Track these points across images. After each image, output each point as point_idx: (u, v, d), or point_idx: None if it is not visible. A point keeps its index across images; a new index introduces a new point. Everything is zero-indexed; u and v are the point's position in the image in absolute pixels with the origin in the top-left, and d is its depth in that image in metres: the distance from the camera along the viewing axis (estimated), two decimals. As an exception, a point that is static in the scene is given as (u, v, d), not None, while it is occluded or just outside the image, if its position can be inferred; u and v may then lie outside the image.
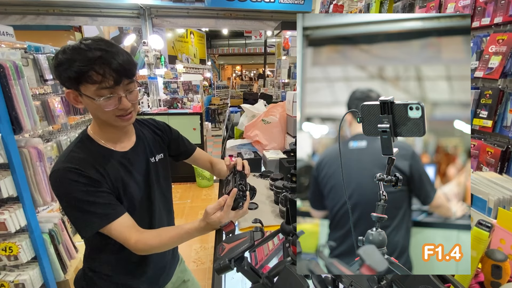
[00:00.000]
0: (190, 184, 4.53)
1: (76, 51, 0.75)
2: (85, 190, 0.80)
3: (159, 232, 0.87)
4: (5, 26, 2.00)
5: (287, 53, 4.57)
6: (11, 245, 1.63)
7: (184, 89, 4.82)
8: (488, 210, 0.77)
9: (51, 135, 2.27)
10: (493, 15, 1.38)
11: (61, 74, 0.78)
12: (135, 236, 0.83)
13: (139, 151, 0.98)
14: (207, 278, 2.53)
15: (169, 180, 1.14)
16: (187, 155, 1.21)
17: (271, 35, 6.87)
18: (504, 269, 0.57)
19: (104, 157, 0.88)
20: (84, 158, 0.84)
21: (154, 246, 0.84)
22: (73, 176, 0.80)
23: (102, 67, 0.76)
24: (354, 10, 3.05)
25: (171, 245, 0.89)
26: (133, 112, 0.87)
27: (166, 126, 1.15)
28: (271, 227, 1.21)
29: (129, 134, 0.98)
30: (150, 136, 1.06)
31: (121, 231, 0.83)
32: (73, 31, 7.07)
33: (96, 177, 0.82)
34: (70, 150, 0.86)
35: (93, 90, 0.77)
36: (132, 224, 0.86)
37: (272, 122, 2.02)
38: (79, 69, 0.74)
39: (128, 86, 0.83)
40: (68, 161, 0.82)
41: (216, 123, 9.47)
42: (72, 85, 0.78)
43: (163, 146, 1.10)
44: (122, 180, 0.90)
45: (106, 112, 0.81)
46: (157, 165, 1.04)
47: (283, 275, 0.62)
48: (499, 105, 1.36)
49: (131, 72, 0.82)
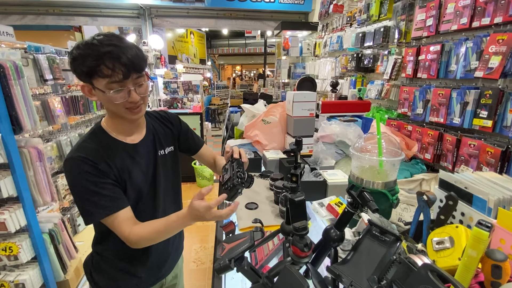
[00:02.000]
0: (190, 184, 4.53)
1: (89, 47, 0.79)
2: (91, 180, 0.84)
3: (149, 223, 0.89)
4: (5, 26, 2.00)
5: (287, 53, 4.56)
6: (11, 245, 1.63)
7: (184, 89, 4.82)
8: (488, 210, 0.77)
9: (51, 135, 2.27)
10: (493, 15, 1.38)
11: (76, 69, 0.82)
12: (129, 228, 0.86)
13: (148, 143, 1.02)
14: (207, 278, 2.53)
15: (178, 173, 1.16)
16: (195, 150, 1.23)
17: (271, 35, 6.86)
18: (504, 269, 0.57)
19: (114, 149, 0.92)
20: (94, 148, 0.88)
21: (144, 236, 0.86)
22: (82, 165, 0.84)
23: (112, 61, 0.79)
24: (354, 10, 3.05)
25: (161, 235, 0.89)
26: (142, 106, 0.91)
27: (177, 119, 1.17)
28: (271, 227, 1.21)
29: (140, 126, 1.01)
30: (161, 128, 1.09)
31: (118, 224, 0.86)
32: (73, 31, 7.08)
33: (103, 168, 0.86)
34: (83, 140, 0.91)
35: (104, 83, 0.81)
36: (130, 217, 0.88)
37: (272, 122, 2.02)
38: (91, 64, 0.78)
39: (137, 80, 0.87)
40: (79, 151, 0.86)
41: (216, 123, 9.47)
42: (86, 79, 0.83)
43: (174, 139, 1.13)
44: (129, 171, 0.93)
45: (116, 104, 0.85)
46: (166, 157, 1.07)
47: (283, 275, 0.62)
48: (499, 105, 1.36)
49: (140, 66, 0.86)
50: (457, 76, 1.59)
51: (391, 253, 0.56)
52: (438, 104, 1.71)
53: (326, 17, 3.87)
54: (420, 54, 1.88)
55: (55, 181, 2.09)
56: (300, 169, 0.75)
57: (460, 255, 0.64)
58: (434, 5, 1.77)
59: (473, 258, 0.58)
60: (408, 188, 1.37)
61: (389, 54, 2.31)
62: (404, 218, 1.13)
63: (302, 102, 1.83)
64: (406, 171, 1.54)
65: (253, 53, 13.72)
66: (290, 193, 0.70)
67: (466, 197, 0.83)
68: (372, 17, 2.52)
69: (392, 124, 2.13)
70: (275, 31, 5.30)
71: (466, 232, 0.69)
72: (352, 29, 2.98)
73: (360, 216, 0.96)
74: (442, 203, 0.86)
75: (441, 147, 1.71)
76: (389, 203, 0.98)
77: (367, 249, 0.60)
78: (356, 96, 2.34)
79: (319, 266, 0.71)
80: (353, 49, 2.91)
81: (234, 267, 0.65)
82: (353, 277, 0.56)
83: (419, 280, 0.48)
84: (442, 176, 0.92)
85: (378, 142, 0.98)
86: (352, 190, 0.65)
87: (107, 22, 5.40)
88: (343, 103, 2.25)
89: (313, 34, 4.56)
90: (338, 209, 1.15)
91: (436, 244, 0.72)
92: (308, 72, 4.52)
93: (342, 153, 1.78)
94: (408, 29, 2.06)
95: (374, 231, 0.62)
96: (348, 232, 0.94)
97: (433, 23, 1.77)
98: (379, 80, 2.50)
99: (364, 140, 1.09)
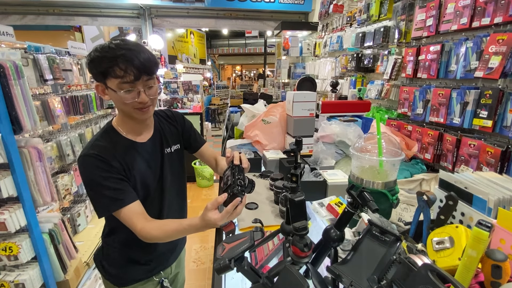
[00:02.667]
0: (190, 184, 4.53)
1: (106, 50, 0.86)
2: (103, 175, 0.90)
3: (162, 224, 0.93)
4: (5, 26, 2.00)
5: (287, 53, 4.56)
6: (11, 245, 1.63)
7: (184, 89, 4.82)
8: (488, 210, 0.77)
9: (51, 135, 2.26)
10: (493, 15, 1.38)
11: (92, 69, 0.89)
12: (141, 223, 0.91)
13: (156, 142, 1.07)
14: (207, 278, 2.53)
15: (184, 169, 1.22)
16: (196, 148, 1.27)
17: (271, 35, 6.86)
18: (504, 269, 0.57)
19: (125, 147, 0.98)
20: (106, 147, 0.94)
21: (155, 236, 0.90)
22: (94, 162, 0.90)
23: (125, 63, 0.85)
24: (354, 10, 3.05)
25: (171, 238, 0.94)
26: (150, 107, 0.96)
27: (181, 117, 1.22)
28: (271, 227, 1.21)
29: (149, 126, 1.07)
30: (167, 127, 1.14)
31: (130, 217, 0.91)
32: (73, 31, 7.08)
33: (114, 164, 0.92)
34: (95, 139, 0.97)
35: (116, 83, 0.87)
36: (141, 212, 0.93)
37: (272, 122, 2.02)
38: (106, 65, 0.85)
39: (148, 82, 0.92)
40: (92, 148, 0.92)
41: (216, 123, 9.47)
42: (101, 79, 0.89)
43: (179, 137, 1.18)
44: (139, 169, 0.99)
45: (126, 104, 0.91)
46: (172, 155, 1.12)
47: (283, 275, 0.62)
48: (499, 105, 1.36)
49: (151, 70, 0.91)
50: (457, 76, 1.59)
51: (391, 253, 0.56)
52: (438, 104, 1.71)
53: (326, 17, 3.87)
54: (420, 54, 1.88)
55: (55, 181, 2.08)
56: (300, 169, 0.76)
57: (460, 255, 0.64)
58: (434, 5, 1.77)
59: (473, 258, 0.58)
60: (408, 188, 1.37)
61: (389, 54, 2.31)
62: (404, 218, 1.13)
63: (302, 102, 1.83)
64: (406, 171, 1.54)
65: (253, 53, 13.71)
66: (290, 193, 0.70)
67: (466, 197, 0.83)
68: (372, 17, 2.52)
69: (392, 124, 2.13)
70: (275, 31, 5.30)
71: (466, 232, 0.69)
72: (352, 29, 2.98)
73: (360, 216, 0.96)
74: (442, 203, 0.86)
75: (441, 147, 1.71)
76: (389, 203, 0.98)
77: (367, 249, 0.60)
78: (356, 96, 2.34)
79: (319, 266, 0.71)
80: (353, 49, 2.91)
81: (234, 267, 0.65)
82: (353, 277, 0.56)
83: (419, 280, 0.48)
84: (442, 176, 0.92)
85: (378, 142, 0.98)
86: (352, 190, 0.64)
87: (107, 22, 5.41)
88: (343, 103, 2.25)
89: (313, 34, 4.56)
90: (338, 209, 1.15)
91: (436, 244, 0.72)
92: (308, 72, 4.52)
93: (342, 153, 1.78)
94: (408, 29, 2.06)
95: (374, 231, 0.62)
96: (348, 232, 0.94)
97: (433, 23, 1.77)
98: (379, 80, 2.50)
99: (364, 140, 1.09)
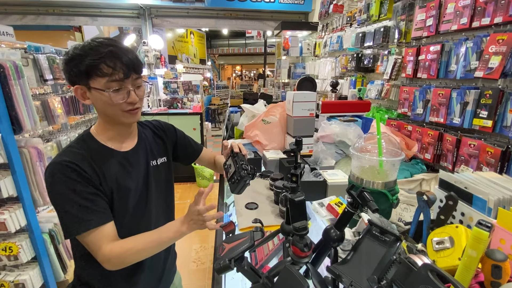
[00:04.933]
0: (190, 184, 4.53)
1: (88, 47, 0.79)
2: (74, 188, 0.78)
3: (134, 236, 0.83)
4: (5, 26, 2.00)
5: (287, 53, 4.56)
6: (11, 245, 1.63)
7: (184, 89, 4.82)
8: (488, 210, 0.77)
9: (51, 135, 2.27)
10: (493, 15, 1.38)
11: (71, 69, 0.80)
12: (110, 245, 0.78)
13: (140, 153, 0.96)
14: (207, 278, 2.53)
15: (171, 185, 1.09)
16: (195, 156, 1.20)
17: (271, 35, 6.86)
18: (504, 269, 0.57)
19: (103, 155, 0.87)
20: (81, 154, 0.83)
21: (129, 248, 0.80)
22: (65, 170, 0.78)
23: (113, 60, 0.79)
24: (354, 10, 3.05)
25: (150, 244, 0.83)
26: (139, 108, 0.89)
27: (171, 127, 1.12)
28: (271, 227, 1.21)
29: (132, 134, 0.97)
30: (153, 138, 1.04)
31: (98, 241, 0.78)
32: (73, 31, 7.08)
33: (89, 174, 0.81)
34: (69, 145, 0.87)
35: (103, 82, 0.80)
36: (112, 235, 0.82)
37: (272, 122, 2.02)
38: (90, 63, 0.77)
39: (136, 81, 0.86)
40: (64, 155, 0.81)
41: (216, 123, 9.47)
42: (82, 79, 0.80)
43: (167, 150, 1.07)
44: (117, 180, 0.87)
45: (114, 106, 0.82)
46: (158, 168, 1.01)
47: (283, 275, 0.62)
48: (499, 105, 1.36)
49: (139, 68, 0.86)
50: (457, 76, 1.59)
51: (391, 253, 0.56)
52: (438, 104, 1.71)
53: (326, 17, 3.87)
54: (420, 54, 1.88)
55: (55, 181, 2.09)
56: (300, 169, 0.75)
57: (460, 255, 0.64)
58: (434, 5, 1.77)
59: (473, 258, 0.58)
60: (408, 188, 1.37)
61: (389, 54, 2.31)
62: (404, 218, 1.13)
63: (302, 102, 1.83)
64: (406, 171, 1.54)
65: (253, 53, 13.70)
66: (290, 193, 0.70)
67: (466, 197, 0.83)
68: (372, 17, 2.52)
69: (392, 124, 2.12)
70: (275, 31, 5.30)
71: (466, 232, 0.69)
72: (352, 29, 2.98)
73: (360, 216, 0.96)
74: (442, 203, 0.86)
75: (441, 147, 1.71)
76: (389, 203, 0.98)
77: (367, 249, 0.60)
78: (356, 96, 2.33)
79: (319, 266, 0.71)
80: (353, 49, 2.90)
81: (234, 267, 0.65)
82: (353, 277, 0.56)
83: (419, 280, 0.48)
84: (442, 176, 0.92)
85: (378, 142, 0.98)
86: (352, 190, 0.64)
87: (107, 22, 5.41)
88: (343, 103, 2.25)
89: (313, 34, 4.56)
90: (338, 209, 1.15)
91: (436, 244, 0.72)
92: (308, 72, 4.52)
93: (342, 153, 1.78)
94: (408, 29, 2.06)
95: (374, 231, 0.62)
96: (348, 232, 0.94)
97: (433, 23, 1.76)
98: (379, 80, 2.50)
99: (364, 140, 1.09)
